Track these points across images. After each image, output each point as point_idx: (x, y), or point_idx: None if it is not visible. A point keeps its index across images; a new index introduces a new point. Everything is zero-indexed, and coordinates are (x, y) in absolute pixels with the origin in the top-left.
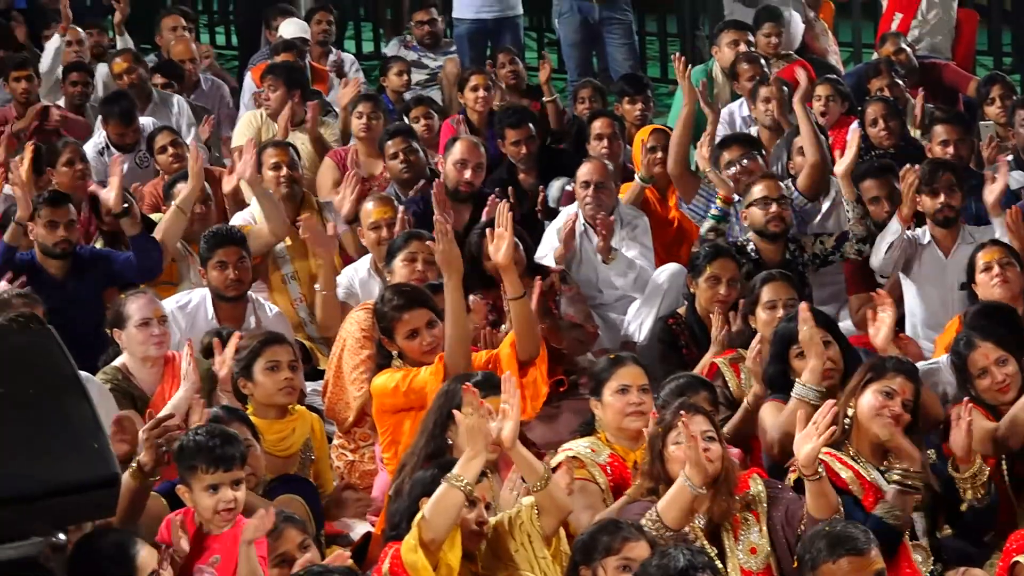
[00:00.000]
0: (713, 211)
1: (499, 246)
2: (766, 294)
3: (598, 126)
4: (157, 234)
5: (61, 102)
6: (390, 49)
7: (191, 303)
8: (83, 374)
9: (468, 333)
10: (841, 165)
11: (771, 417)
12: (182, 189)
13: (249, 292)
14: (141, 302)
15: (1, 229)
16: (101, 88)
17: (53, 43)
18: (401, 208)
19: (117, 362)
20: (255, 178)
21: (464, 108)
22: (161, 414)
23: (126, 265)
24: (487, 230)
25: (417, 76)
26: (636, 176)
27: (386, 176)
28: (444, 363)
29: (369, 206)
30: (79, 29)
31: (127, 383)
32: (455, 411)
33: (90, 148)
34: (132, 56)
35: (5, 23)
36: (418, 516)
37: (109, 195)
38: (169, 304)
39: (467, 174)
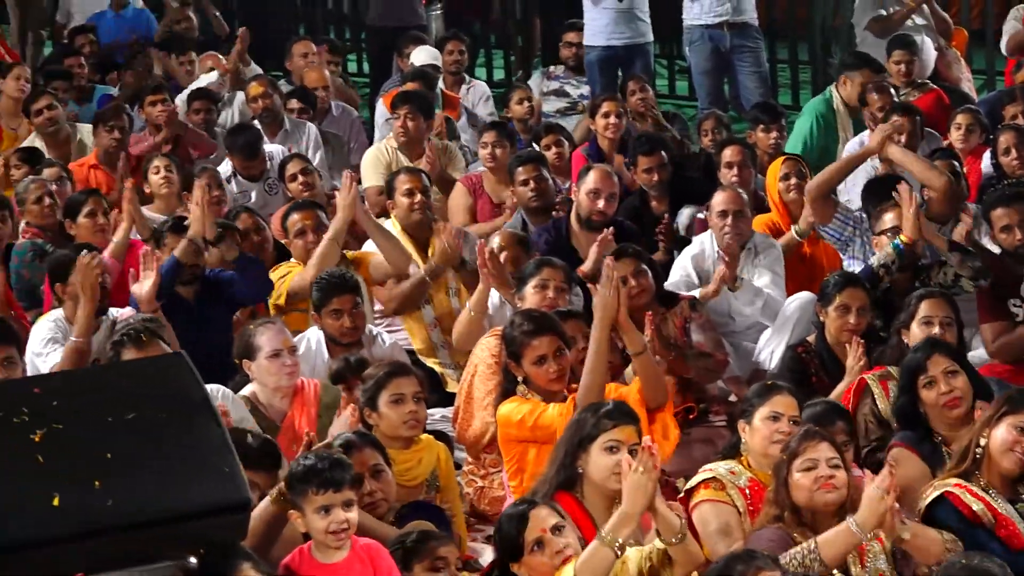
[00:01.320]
0: (887, 251)
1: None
2: (923, 310)
3: (728, 154)
4: (311, 269)
5: None
6: (533, 81)
7: (308, 348)
8: (213, 386)
9: (605, 379)
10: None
11: (907, 468)
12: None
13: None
14: (270, 333)
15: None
16: (237, 116)
17: (209, 77)
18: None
19: (246, 391)
20: (368, 214)
21: (594, 135)
22: (320, 444)
23: (242, 288)
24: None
25: (558, 104)
26: (792, 229)
27: (514, 203)
28: (575, 405)
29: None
30: (220, 57)
31: (256, 412)
32: (626, 458)
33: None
34: (268, 81)
35: (143, 54)
36: (567, 571)
37: (196, 226)
38: None
39: (600, 203)
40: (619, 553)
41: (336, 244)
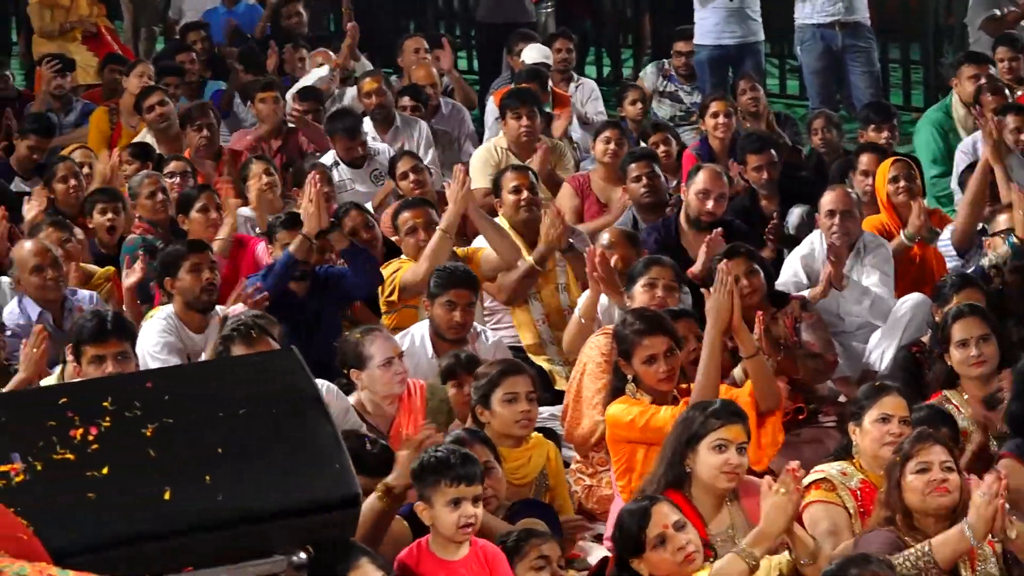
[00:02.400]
0: (1003, 251)
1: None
2: (957, 332)
3: (864, 162)
4: (424, 261)
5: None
6: (647, 75)
7: (412, 344)
8: (319, 381)
9: (718, 382)
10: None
11: (1017, 479)
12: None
13: None
14: (380, 341)
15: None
16: None
17: (319, 72)
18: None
19: (352, 399)
20: (477, 207)
21: (705, 135)
22: (420, 436)
23: (354, 283)
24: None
25: (671, 110)
26: (902, 234)
27: (625, 201)
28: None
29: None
30: (331, 53)
31: (362, 421)
32: (735, 458)
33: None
34: (382, 78)
35: (256, 48)
36: None
37: (311, 222)
38: None
39: (709, 204)
40: (754, 568)
41: (448, 237)
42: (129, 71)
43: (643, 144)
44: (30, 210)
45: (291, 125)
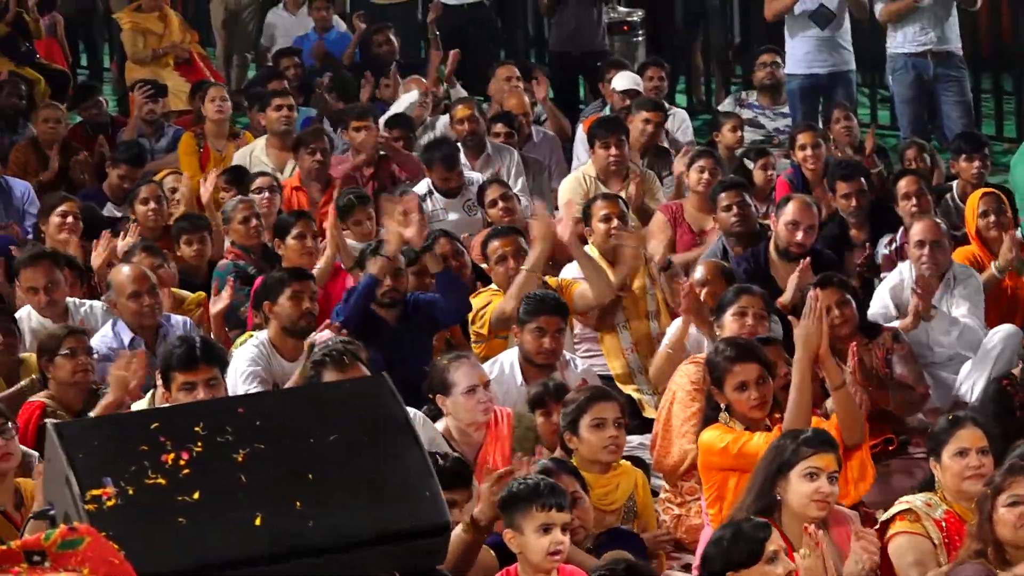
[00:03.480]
0: None
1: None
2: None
3: (904, 185)
4: (510, 300)
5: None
6: (724, 107)
7: (501, 371)
8: (418, 414)
9: (810, 410)
10: None
11: None
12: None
13: None
14: (465, 369)
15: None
16: None
17: (410, 97)
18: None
19: (439, 425)
20: (575, 241)
21: (796, 165)
22: (503, 469)
23: (445, 311)
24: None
25: (753, 136)
26: (992, 266)
27: (716, 230)
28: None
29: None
30: (423, 80)
31: (449, 446)
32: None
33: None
34: (475, 105)
35: (349, 77)
36: None
37: (393, 244)
38: None
39: (799, 235)
40: None
41: (534, 276)
42: (204, 96)
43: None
44: (125, 237)
45: (383, 152)
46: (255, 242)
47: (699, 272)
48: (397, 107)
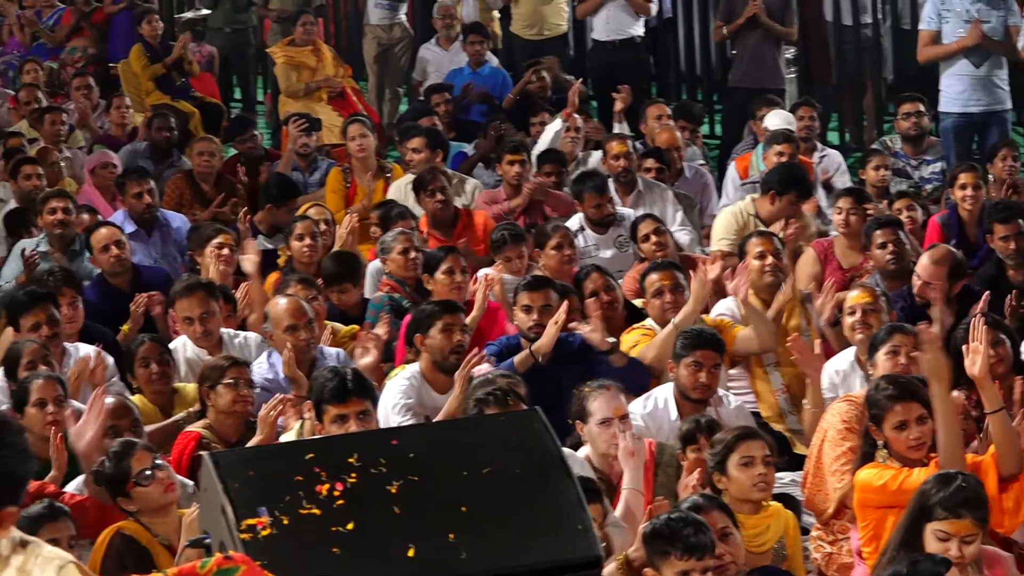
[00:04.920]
0: None
1: (974, 360)
2: None
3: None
4: (652, 350)
5: None
6: (875, 147)
7: (656, 406)
8: (566, 450)
9: (961, 440)
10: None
11: None
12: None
13: None
14: (604, 400)
15: None
16: None
17: (553, 127)
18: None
19: (580, 453)
20: (739, 290)
21: (954, 204)
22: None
23: (610, 376)
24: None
25: (899, 186)
26: None
27: (867, 268)
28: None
29: (850, 294)
30: (577, 117)
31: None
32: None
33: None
34: (629, 141)
35: (497, 115)
36: None
37: (594, 336)
38: (636, 409)
39: (929, 292)
40: None
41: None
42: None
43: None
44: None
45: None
46: (412, 274)
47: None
48: (543, 139)
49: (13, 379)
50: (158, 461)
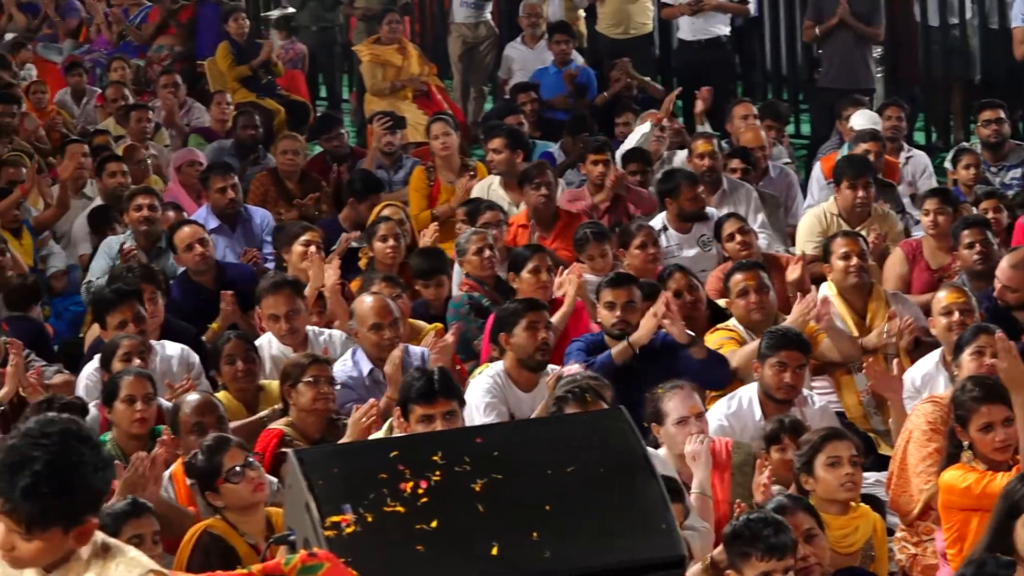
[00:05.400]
0: None
1: None
2: None
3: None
4: (736, 358)
5: None
6: (949, 159)
7: (740, 406)
8: (649, 450)
9: None
10: None
11: None
12: (738, 281)
13: None
14: (677, 400)
15: None
16: None
17: (642, 129)
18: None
19: (660, 453)
20: (821, 319)
21: None
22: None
23: (691, 371)
24: None
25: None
26: None
27: (955, 267)
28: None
29: (941, 294)
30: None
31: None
32: None
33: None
34: (714, 141)
35: (586, 113)
36: None
37: (673, 328)
38: (720, 409)
39: (1008, 296)
40: None
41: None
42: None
43: (974, 210)
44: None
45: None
46: (489, 274)
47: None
48: (631, 141)
49: (108, 370)
50: (251, 460)
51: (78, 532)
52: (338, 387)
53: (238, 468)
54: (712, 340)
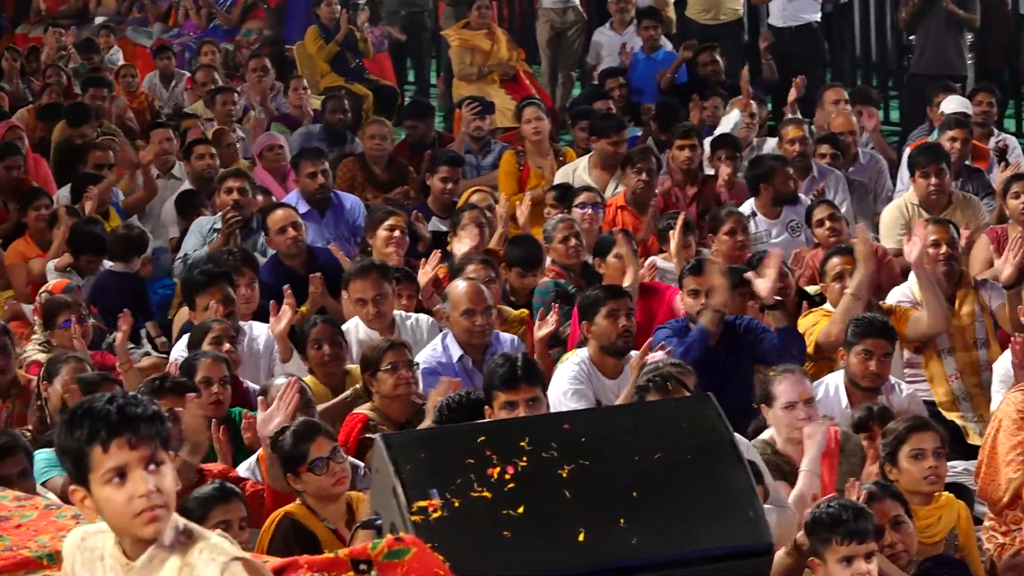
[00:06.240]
0: None
1: None
2: None
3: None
4: (836, 325)
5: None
6: None
7: (826, 393)
8: (736, 436)
9: None
10: None
11: None
12: (835, 264)
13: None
14: (788, 384)
15: None
16: None
17: (732, 118)
18: None
19: (766, 435)
20: (925, 268)
21: None
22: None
23: (771, 350)
24: None
25: None
26: None
27: None
28: None
29: None
30: (752, 103)
31: (775, 457)
32: None
33: None
34: (805, 126)
35: (672, 100)
36: None
37: (764, 286)
38: None
39: None
40: None
41: (857, 299)
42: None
43: None
44: (459, 248)
45: (708, 173)
46: (575, 261)
47: None
48: (721, 128)
49: None
50: (336, 450)
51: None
52: (422, 370)
53: (323, 461)
54: (806, 321)
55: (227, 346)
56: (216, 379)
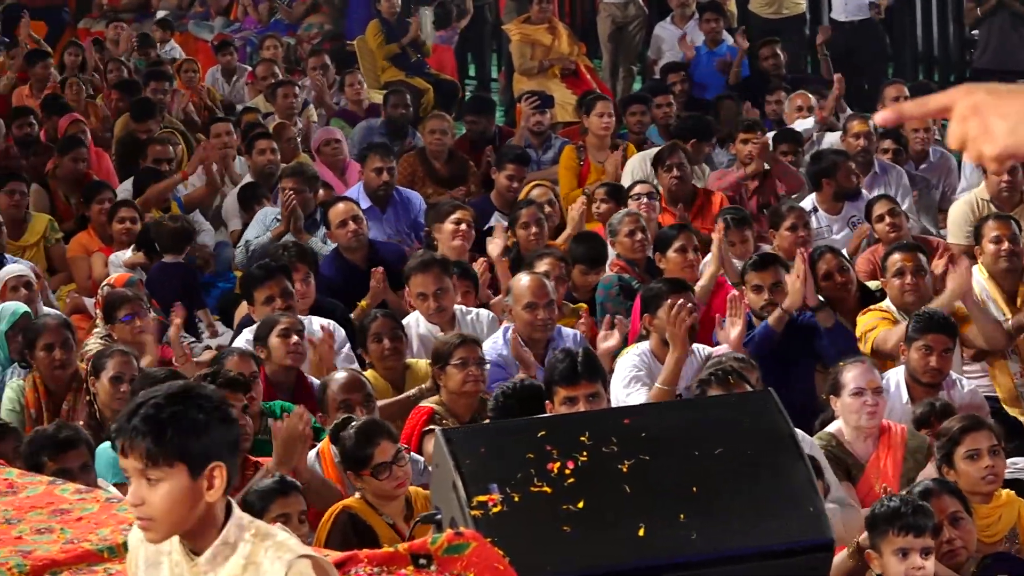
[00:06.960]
0: None
1: None
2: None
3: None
4: (894, 336)
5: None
6: None
7: (887, 389)
8: (797, 432)
9: None
10: None
11: None
12: (896, 261)
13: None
14: (856, 372)
15: None
16: None
17: (806, 123)
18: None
19: (832, 427)
20: (969, 291)
21: None
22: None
23: (825, 348)
24: None
25: None
26: None
27: None
28: None
29: None
30: (809, 95)
31: (839, 449)
32: None
33: None
34: (868, 122)
35: (734, 95)
36: None
37: (795, 297)
38: None
39: None
40: None
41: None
42: (590, 108)
43: None
44: (492, 247)
45: (767, 167)
46: (640, 255)
47: None
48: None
49: (263, 346)
50: (400, 454)
51: (207, 477)
52: (488, 366)
53: (386, 465)
54: (865, 321)
55: (295, 339)
56: (247, 374)
